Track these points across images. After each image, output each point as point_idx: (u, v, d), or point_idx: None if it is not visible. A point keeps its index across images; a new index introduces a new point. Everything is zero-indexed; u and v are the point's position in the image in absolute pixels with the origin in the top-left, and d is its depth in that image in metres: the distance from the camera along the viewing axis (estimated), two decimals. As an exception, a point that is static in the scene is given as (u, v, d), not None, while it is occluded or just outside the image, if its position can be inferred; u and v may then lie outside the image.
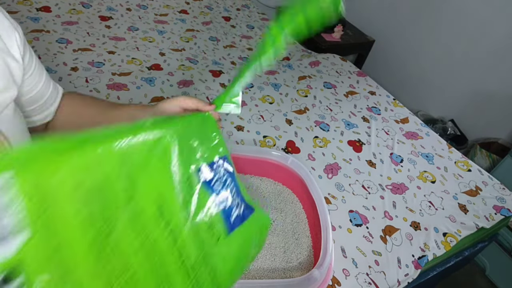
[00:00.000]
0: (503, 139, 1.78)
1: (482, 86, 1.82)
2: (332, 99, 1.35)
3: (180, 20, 1.65)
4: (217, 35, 1.62)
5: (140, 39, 1.42)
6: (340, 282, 0.76)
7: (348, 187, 1.00)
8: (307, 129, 1.17)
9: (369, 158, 1.12)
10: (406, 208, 0.98)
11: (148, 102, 1.07)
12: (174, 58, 1.36)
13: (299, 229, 0.83)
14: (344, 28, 2.11)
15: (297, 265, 0.75)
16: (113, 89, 1.07)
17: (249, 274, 0.71)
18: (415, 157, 1.17)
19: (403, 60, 2.20)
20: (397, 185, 1.04)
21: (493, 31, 1.71)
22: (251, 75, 0.49)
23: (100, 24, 1.45)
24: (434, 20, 1.97)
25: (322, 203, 0.80)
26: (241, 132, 1.08)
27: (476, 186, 1.11)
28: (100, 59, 1.24)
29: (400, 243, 0.88)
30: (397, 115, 1.35)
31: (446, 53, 1.95)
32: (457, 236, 0.93)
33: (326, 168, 1.04)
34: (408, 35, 2.13)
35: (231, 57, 1.50)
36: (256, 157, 0.89)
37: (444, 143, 1.27)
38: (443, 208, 1.00)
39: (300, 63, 1.53)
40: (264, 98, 1.25)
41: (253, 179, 0.92)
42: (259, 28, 1.80)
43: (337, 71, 1.53)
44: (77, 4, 1.52)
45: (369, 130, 1.23)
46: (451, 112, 1.99)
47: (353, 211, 0.93)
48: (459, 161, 1.20)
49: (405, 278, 0.81)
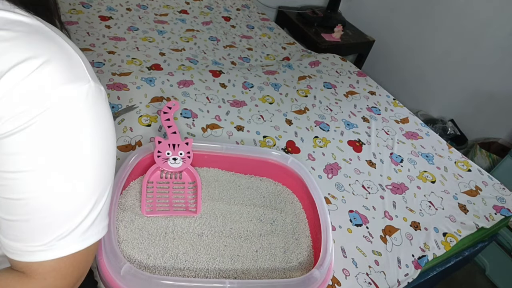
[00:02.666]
0: (503, 139, 1.78)
1: (482, 86, 1.82)
2: (332, 99, 1.35)
3: (180, 20, 1.65)
4: (217, 35, 1.62)
5: (140, 39, 1.42)
6: (340, 282, 0.76)
7: (348, 187, 1.00)
8: (307, 129, 1.17)
9: (369, 158, 1.12)
10: (406, 208, 0.98)
11: (148, 102, 1.07)
12: (174, 58, 1.36)
13: (299, 229, 0.83)
14: (344, 28, 2.11)
15: (297, 265, 0.75)
16: (113, 89, 1.07)
17: (249, 274, 0.71)
18: (415, 157, 1.17)
19: (403, 60, 2.20)
20: (397, 185, 1.04)
21: (493, 31, 1.71)
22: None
23: (100, 24, 1.45)
24: (434, 20, 1.97)
25: (322, 203, 0.80)
26: (241, 132, 1.08)
27: (476, 186, 1.11)
28: (100, 59, 1.24)
29: (400, 243, 0.88)
30: (397, 115, 1.35)
31: (446, 53, 1.95)
32: (457, 236, 0.93)
33: (326, 168, 1.04)
34: (408, 35, 2.13)
35: (231, 57, 1.50)
36: (256, 157, 0.89)
37: (444, 143, 1.27)
38: (443, 208, 1.00)
39: (300, 63, 1.53)
40: (264, 98, 1.25)
41: (253, 179, 0.92)
42: (259, 28, 1.80)
43: (337, 71, 1.53)
44: (77, 4, 1.52)
45: (369, 130, 1.23)
46: (451, 112, 1.99)
47: (353, 211, 0.93)
48: (459, 161, 1.20)
49: (405, 278, 0.81)
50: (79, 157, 0.40)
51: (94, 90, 0.40)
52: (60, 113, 0.37)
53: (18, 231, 0.39)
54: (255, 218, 0.82)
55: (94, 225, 0.43)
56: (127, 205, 0.76)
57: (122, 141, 0.93)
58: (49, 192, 0.38)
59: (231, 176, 0.91)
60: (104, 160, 0.43)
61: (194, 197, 0.82)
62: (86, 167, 0.41)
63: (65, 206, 0.40)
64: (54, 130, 0.37)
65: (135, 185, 0.82)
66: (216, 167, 0.91)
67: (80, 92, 0.38)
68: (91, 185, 0.42)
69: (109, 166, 0.45)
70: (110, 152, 0.44)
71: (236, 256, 0.73)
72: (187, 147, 0.82)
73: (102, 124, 0.42)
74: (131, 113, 1.01)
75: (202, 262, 0.70)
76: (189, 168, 0.82)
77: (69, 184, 0.39)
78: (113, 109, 1.01)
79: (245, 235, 0.78)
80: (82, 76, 0.39)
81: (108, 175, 0.44)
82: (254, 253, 0.75)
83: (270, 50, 1.65)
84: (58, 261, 0.40)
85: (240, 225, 0.80)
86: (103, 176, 0.43)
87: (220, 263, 0.71)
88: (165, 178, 0.83)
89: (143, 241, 0.70)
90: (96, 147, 0.41)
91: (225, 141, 1.03)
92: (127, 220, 0.73)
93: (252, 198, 0.87)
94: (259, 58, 1.56)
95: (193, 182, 0.84)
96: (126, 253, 0.67)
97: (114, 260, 0.59)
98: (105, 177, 0.44)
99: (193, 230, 0.75)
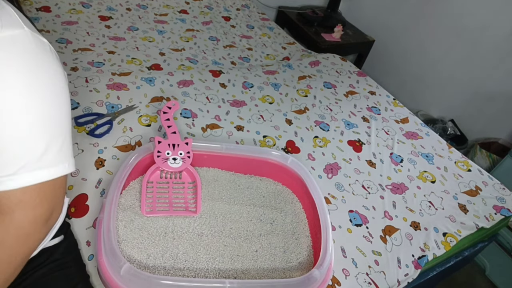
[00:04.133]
0: (503, 139, 1.78)
1: (482, 86, 1.82)
2: (332, 99, 1.35)
3: (180, 20, 1.65)
4: (217, 35, 1.62)
5: (140, 39, 1.42)
6: (340, 282, 0.76)
7: (348, 187, 1.00)
8: (307, 129, 1.17)
9: (369, 158, 1.12)
10: (406, 208, 0.98)
11: (148, 102, 1.07)
12: (174, 58, 1.36)
13: (299, 229, 0.83)
14: (344, 28, 2.11)
15: (297, 265, 0.75)
16: (113, 89, 1.07)
17: (248, 274, 0.71)
18: (415, 157, 1.17)
19: (403, 60, 2.19)
20: (397, 185, 1.04)
21: (493, 31, 1.71)
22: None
23: (100, 24, 1.45)
24: (434, 20, 1.97)
25: (322, 203, 0.80)
26: (241, 132, 1.08)
27: (476, 186, 1.11)
28: (100, 59, 1.23)
29: (400, 243, 0.88)
30: (397, 115, 1.35)
31: (446, 53, 1.95)
32: (457, 236, 0.93)
33: (326, 168, 1.04)
34: (408, 35, 2.13)
35: (231, 57, 1.50)
36: (256, 157, 0.89)
37: (444, 143, 1.27)
38: (443, 208, 1.00)
39: (300, 63, 1.53)
40: (264, 98, 1.25)
41: (253, 179, 0.92)
42: (259, 28, 1.80)
43: (337, 71, 1.53)
44: (77, 4, 1.52)
45: (369, 130, 1.23)
46: (451, 112, 1.99)
47: (353, 211, 0.93)
48: (459, 161, 1.20)
49: (405, 278, 0.81)
50: (16, 100, 0.42)
51: (31, 37, 0.42)
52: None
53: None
54: (255, 218, 0.82)
55: (56, 161, 0.47)
56: (127, 205, 0.76)
57: (122, 141, 0.93)
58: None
59: (231, 176, 0.91)
60: (49, 103, 0.45)
61: (194, 197, 0.82)
62: (24, 110, 0.43)
63: (17, 141, 0.43)
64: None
65: (135, 185, 0.82)
66: (216, 167, 0.91)
67: (12, 36, 0.40)
68: (38, 124, 0.44)
69: (57, 112, 0.47)
70: (55, 100, 0.46)
71: (236, 256, 0.73)
72: (187, 147, 0.82)
73: (42, 73, 0.43)
74: (131, 113, 1.01)
75: (202, 262, 0.70)
76: (189, 168, 0.82)
77: (12, 120, 0.42)
78: (113, 109, 1.01)
79: (245, 235, 0.78)
80: (13, 23, 0.40)
81: (56, 120, 0.47)
82: (254, 253, 0.75)
83: (270, 50, 1.65)
84: (24, 191, 0.44)
85: (240, 225, 0.80)
86: (49, 119, 0.45)
87: (220, 263, 0.71)
88: (165, 178, 0.83)
89: (143, 241, 0.70)
90: (34, 94, 0.43)
91: (225, 141, 1.03)
92: (127, 220, 0.73)
93: (252, 198, 0.87)
94: (259, 58, 1.56)
95: (193, 182, 0.84)
96: (126, 253, 0.67)
97: (113, 260, 0.59)
98: (53, 121, 0.46)
99: (193, 230, 0.75)
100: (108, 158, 0.87)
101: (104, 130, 0.93)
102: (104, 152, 0.88)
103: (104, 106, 1.01)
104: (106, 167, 0.85)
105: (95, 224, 0.73)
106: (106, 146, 0.90)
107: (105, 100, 1.03)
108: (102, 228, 0.63)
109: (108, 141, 0.92)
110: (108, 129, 0.94)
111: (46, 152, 0.45)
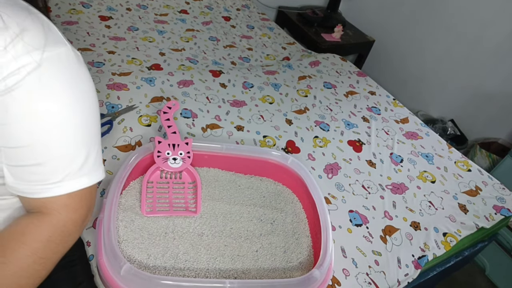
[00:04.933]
0: (503, 139, 1.78)
1: (482, 86, 1.82)
2: (332, 99, 1.35)
3: (180, 20, 1.65)
4: (217, 35, 1.62)
5: (140, 39, 1.42)
6: (340, 282, 0.76)
7: (348, 187, 1.00)
8: (307, 129, 1.17)
9: (369, 158, 1.12)
10: (406, 208, 0.98)
11: (148, 102, 1.07)
12: (174, 58, 1.36)
13: (299, 229, 0.83)
14: (344, 28, 2.11)
15: (297, 265, 0.75)
16: (113, 89, 1.07)
17: (249, 274, 0.71)
18: (415, 157, 1.17)
19: (403, 60, 2.20)
20: (397, 185, 1.04)
21: (493, 31, 1.71)
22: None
23: (100, 24, 1.45)
24: (434, 20, 1.97)
25: (322, 203, 0.80)
26: (241, 132, 1.08)
27: (476, 186, 1.11)
28: (100, 59, 1.23)
29: (400, 243, 0.88)
30: (397, 115, 1.35)
31: (446, 53, 1.95)
32: (457, 236, 0.93)
33: (326, 168, 1.04)
34: (408, 35, 2.13)
35: (231, 57, 1.50)
36: (256, 157, 0.89)
37: (444, 143, 1.27)
38: (443, 208, 1.00)
39: (300, 63, 1.53)
40: (264, 98, 1.25)
41: (253, 179, 0.92)
42: (259, 28, 1.80)
43: (337, 71, 1.53)
44: (77, 4, 1.52)
45: (369, 130, 1.23)
46: (451, 112, 1.99)
47: (353, 211, 0.93)
48: (459, 161, 1.20)
49: (405, 278, 0.81)
50: (63, 112, 0.45)
51: (72, 52, 0.45)
52: (43, 74, 0.41)
53: (34, 174, 0.45)
54: (255, 218, 0.82)
55: (94, 168, 0.50)
56: (127, 205, 0.76)
57: (122, 141, 0.93)
58: (47, 139, 0.44)
59: (231, 176, 0.91)
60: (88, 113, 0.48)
61: (194, 197, 0.82)
62: (70, 122, 0.46)
63: (64, 151, 0.46)
64: (38, 91, 0.41)
65: (135, 185, 0.82)
66: (216, 167, 0.91)
67: (59, 53, 0.43)
68: (81, 135, 0.48)
69: (93, 121, 0.50)
70: (92, 110, 0.49)
71: (236, 256, 0.73)
72: (187, 147, 0.82)
73: (82, 85, 0.47)
74: (131, 113, 1.01)
75: (202, 262, 0.70)
76: (189, 168, 0.82)
77: (60, 132, 0.45)
78: (113, 109, 1.01)
79: (245, 235, 0.78)
80: (59, 40, 0.44)
81: (94, 129, 0.50)
82: (254, 253, 0.75)
83: (270, 50, 1.65)
84: (68, 196, 0.48)
85: (240, 225, 0.80)
86: (88, 129, 0.49)
87: (220, 263, 0.71)
88: (165, 178, 0.83)
89: (143, 241, 0.70)
90: (77, 105, 0.46)
91: (225, 141, 1.03)
92: (127, 220, 0.73)
93: (252, 198, 0.87)
94: (259, 58, 1.56)
95: (193, 182, 0.84)
96: (126, 253, 0.67)
97: (114, 260, 0.59)
98: (91, 130, 0.50)
99: (193, 230, 0.75)
100: (108, 158, 0.87)
101: (104, 130, 0.93)
102: (104, 152, 0.88)
103: (104, 106, 1.01)
104: (106, 167, 0.85)
105: (95, 224, 0.73)
106: (106, 146, 0.90)
107: (105, 100, 1.03)
108: (102, 228, 0.63)
109: (108, 141, 0.92)
110: (108, 129, 0.94)
111: (86, 160, 0.49)
